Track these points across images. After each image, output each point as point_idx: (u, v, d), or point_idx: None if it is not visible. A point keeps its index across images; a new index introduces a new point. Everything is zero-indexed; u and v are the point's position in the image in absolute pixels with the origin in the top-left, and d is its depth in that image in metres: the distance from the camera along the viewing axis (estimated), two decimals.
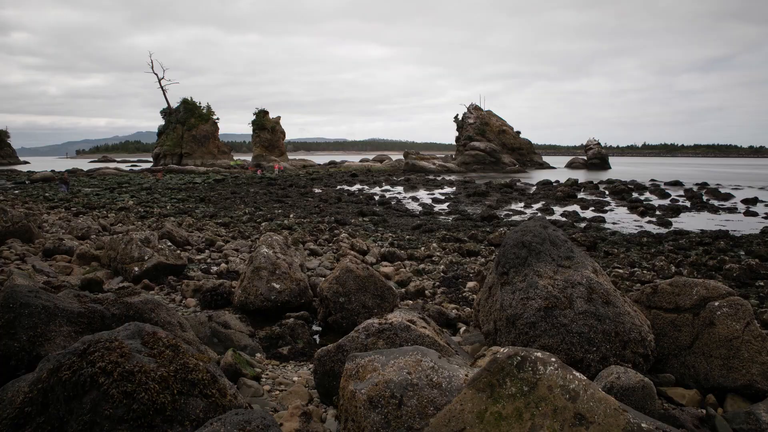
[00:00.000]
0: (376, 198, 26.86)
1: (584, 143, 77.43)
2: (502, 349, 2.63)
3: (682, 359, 4.66)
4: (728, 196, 28.22)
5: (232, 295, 7.39)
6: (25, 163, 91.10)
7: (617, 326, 4.45)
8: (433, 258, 11.22)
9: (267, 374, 4.92)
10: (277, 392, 4.54)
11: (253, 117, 67.66)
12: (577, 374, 2.47)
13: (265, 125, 67.17)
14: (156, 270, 8.47)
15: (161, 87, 66.89)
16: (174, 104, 66.13)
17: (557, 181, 37.36)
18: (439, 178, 46.91)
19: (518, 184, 37.25)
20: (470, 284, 8.71)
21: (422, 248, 12.34)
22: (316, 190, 31.67)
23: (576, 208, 22.88)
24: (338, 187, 35.34)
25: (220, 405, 2.91)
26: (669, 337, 4.80)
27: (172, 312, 4.60)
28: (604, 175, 49.49)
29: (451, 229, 15.78)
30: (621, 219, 19.86)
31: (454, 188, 35.45)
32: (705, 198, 27.44)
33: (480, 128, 69.44)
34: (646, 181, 39.86)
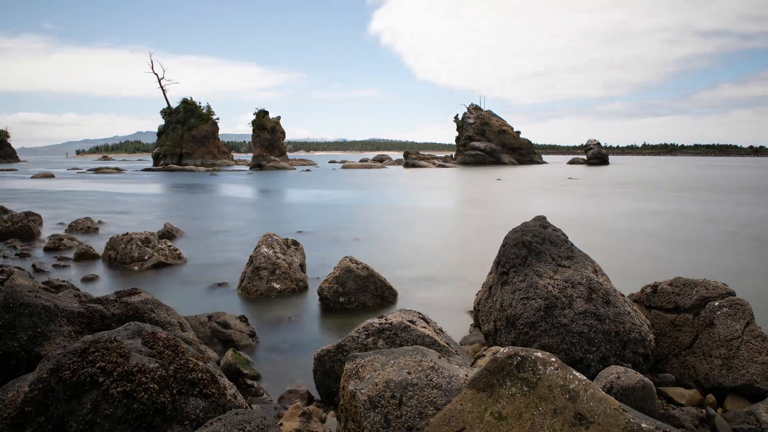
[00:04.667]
0: None
1: (584, 143, 77.60)
2: (502, 349, 2.63)
3: (682, 359, 4.66)
4: None
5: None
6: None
7: (617, 326, 4.45)
8: None
9: None
10: None
11: (253, 117, 67.66)
12: (577, 374, 2.47)
13: (265, 125, 67.17)
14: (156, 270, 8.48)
15: (161, 87, 66.94)
16: (174, 104, 66.26)
17: None
18: None
19: None
20: None
21: None
22: None
23: None
24: None
25: (219, 405, 2.91)
26: (669, 337, 4.80)
27: (172, 312, 4.60)
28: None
29: None
30: None
31: None
32: None
33: (480, 128, 69.44)
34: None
